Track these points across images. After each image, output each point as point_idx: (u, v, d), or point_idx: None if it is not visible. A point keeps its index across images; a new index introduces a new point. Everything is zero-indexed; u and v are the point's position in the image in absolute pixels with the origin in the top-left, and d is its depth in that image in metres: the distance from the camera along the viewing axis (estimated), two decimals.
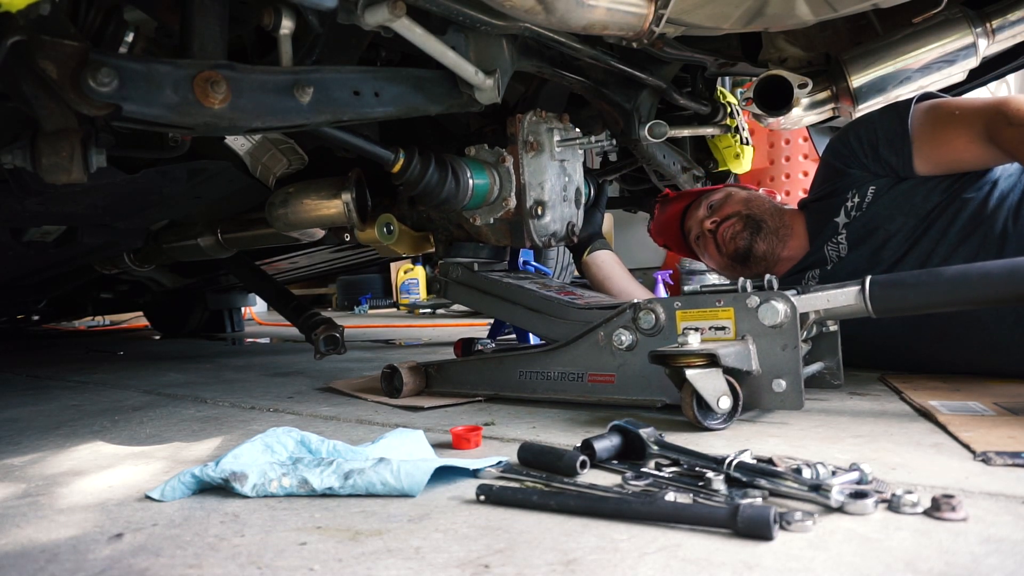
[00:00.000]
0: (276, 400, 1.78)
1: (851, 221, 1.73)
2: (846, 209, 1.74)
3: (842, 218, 1.75)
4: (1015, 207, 1.51)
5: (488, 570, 0.69)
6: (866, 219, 1.69)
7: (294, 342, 3.80)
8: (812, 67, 1.77)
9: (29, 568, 0.76)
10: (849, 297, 1.24)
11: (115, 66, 1.06)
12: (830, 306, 1.25)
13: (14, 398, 2.08)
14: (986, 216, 1.52)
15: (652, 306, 1.33)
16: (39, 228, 2.14)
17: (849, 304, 1.24)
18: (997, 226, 1.50)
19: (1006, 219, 1.50)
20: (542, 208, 1.70)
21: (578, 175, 1.84)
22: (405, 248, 1.90)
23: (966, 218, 1.55)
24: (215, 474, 0.97)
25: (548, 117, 1.75)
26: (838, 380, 1.41)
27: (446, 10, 1.30)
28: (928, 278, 1.21)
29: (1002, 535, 0.71)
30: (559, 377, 1.47)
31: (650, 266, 4.97)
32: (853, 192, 1.73)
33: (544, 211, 1.71)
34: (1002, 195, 1.54)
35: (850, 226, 1.72)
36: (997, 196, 1.54)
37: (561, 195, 1.77)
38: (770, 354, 1.21)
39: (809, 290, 1.28)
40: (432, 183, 1.56)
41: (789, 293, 1.24)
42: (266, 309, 6.56)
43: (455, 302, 2.71)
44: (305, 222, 1.86)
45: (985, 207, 1.53)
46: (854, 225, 1.71)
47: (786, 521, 0.74)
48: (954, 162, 1.59)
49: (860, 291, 1.23)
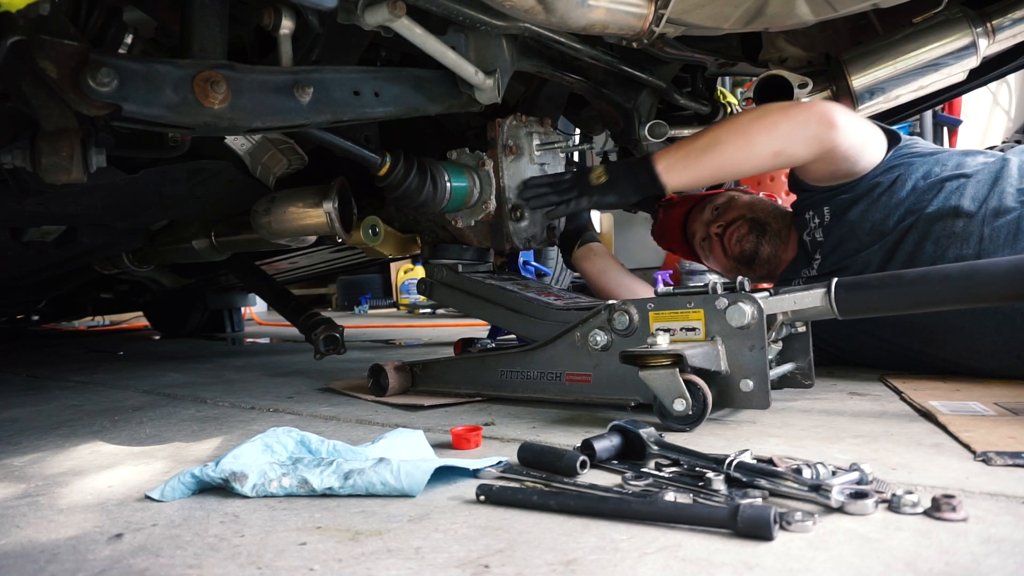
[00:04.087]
0: (276, 400, 1.78)
1: (814, 240, 1.77)
2: (810, 229, 1.78)
3: (806, 237, 1.79)
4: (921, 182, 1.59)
5: (488, 570, 0.69)
6: (833, 239, 1.72)
7: (294, 342, 3.79)
8: (812, 67, 1.77)
9: (29, 568, 0.76)
10: (815, 299, 1.26)
11: (115, 66, 1.06)
12: (797, 307, 1.27)
13: (14, 398, 2.08)
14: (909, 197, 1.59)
15: (626, 307, 1.35)
16: (39, 228, 2.14)
17: (815, 306, 1.26)
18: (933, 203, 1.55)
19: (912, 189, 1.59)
20: (521, 211, 1.73)
21: None
22: (391, 249, 1.90)
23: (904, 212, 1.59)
24: (215, 474, 0.97)
25: (528, 121, 1.77)
26: (809, 380, 1.42)
27: (446, 10, 1.30)
28: (891, 281, 1.23)
29: (1002, 535, 0.71)
30: (538, 377, 1.49)
31: (650, 266, 4.97)
32: (811, 213, 1.77)
33: (523, 214, 1.73)
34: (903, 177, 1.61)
35: (819, 246, 1.76)
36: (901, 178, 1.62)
37: None
38: (738, 354, 1.23)
39: (778, 292, 1.30)
40: (411, 187, 1.58)
41: (759, 295, 1.25)
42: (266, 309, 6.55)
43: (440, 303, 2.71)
44: (289, 231, 1.85)
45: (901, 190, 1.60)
46: (824, 247, 1.75)
47: (786, 521, 0.74)
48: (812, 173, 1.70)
49: (825, 293, 1.24)
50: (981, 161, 1.58)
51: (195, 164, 1.77)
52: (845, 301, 1.23)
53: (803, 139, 1.53)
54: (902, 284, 1.21)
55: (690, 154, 1.58)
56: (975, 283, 1.16)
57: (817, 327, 1.42)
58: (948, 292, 1.18)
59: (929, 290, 1.19)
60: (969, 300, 1.20)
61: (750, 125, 1.54)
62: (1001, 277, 1.14)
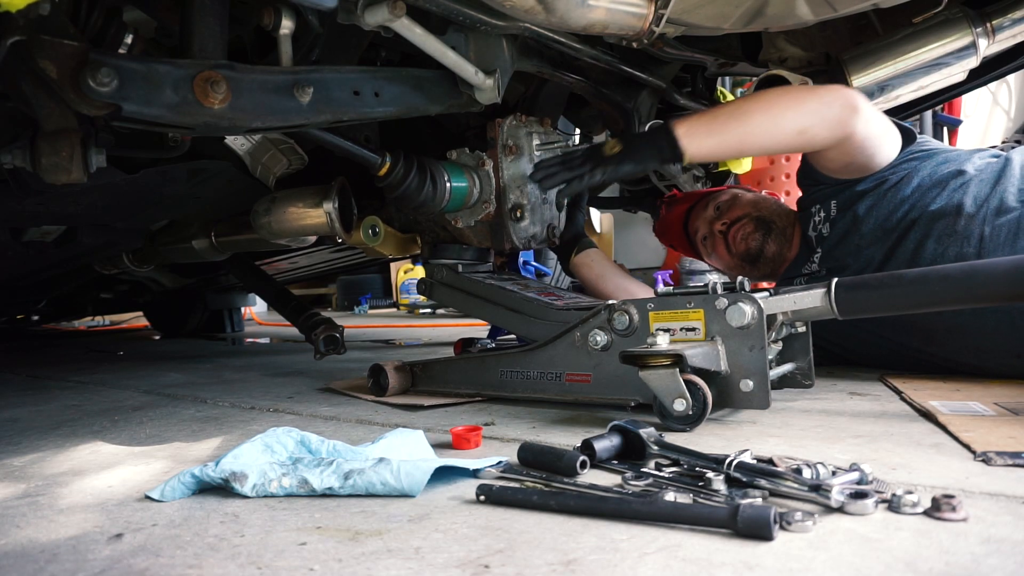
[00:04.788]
0: (276, 400, 1.78)
1: (819, 235, 1.76)
2: (814, 224, 1.78)
3: (811, 231, 1.79)
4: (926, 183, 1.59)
5: (488, 570, 0.69)
6: (837, 234, 1.72)
7: (294, 342, 3.79)
8: (812, 67, 1.77)
9: (29, 568, 0.76)
10: (815, 299, 1.26)
11: (115, 66, 1.06)
12: (797, 307, 1.27)
13: (14, 398, 2.08)
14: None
15: (626, 307, 1.35)
16: (39, 228, 2.14)
17: (815, 306, 1.26)
18: None
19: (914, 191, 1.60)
20: (521, 211, 1.73)
21: None
22: (391, 249, 1.90)
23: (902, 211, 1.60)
24: (215, 474, 0.97)
25: (528, 121, 1.77)
26: (809, 380, 1.42)
27: (446, 10, 1.30)
28: (890, 281, 1.23)
29: (1002, 535, 0.71)
30: (538, 377, 1.49)
31: (650, 266, 4.97)
32: (818, 207, 1.77)
33: (523, 213, 1.73)
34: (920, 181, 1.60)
35: (822, 241, 1.76)
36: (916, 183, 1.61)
37: (541, 198, 1.79)
38: (738, 355, 1.23)
39: (778, 292, 1.30)
40: (411, 187, 1.58)
41: (759, 295, 1.25)
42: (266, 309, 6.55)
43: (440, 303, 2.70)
44: (289, 231, 1.85)
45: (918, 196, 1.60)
46: (827, 242, 1.74)
47: (786, 521, 0.74)
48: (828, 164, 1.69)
49: (825, 293, 1.24)
50: (985, 160, 1.59)
51: (195, 164, 1.77)
52: (845, 301, 1.23)
53: (828, 120, 1.51)
54: (902, 284, 1.22)
55: (714, 122, 1.52)
56: (975, 283, 1.16)
57: (817, 326, 1.42)
58: (948, 292, 1.18)
59: (929, 290, 1.19)
60: (969, 300, 1.20)
61: (778, 99, 1.52)
62: (1001, 277, 1.14)
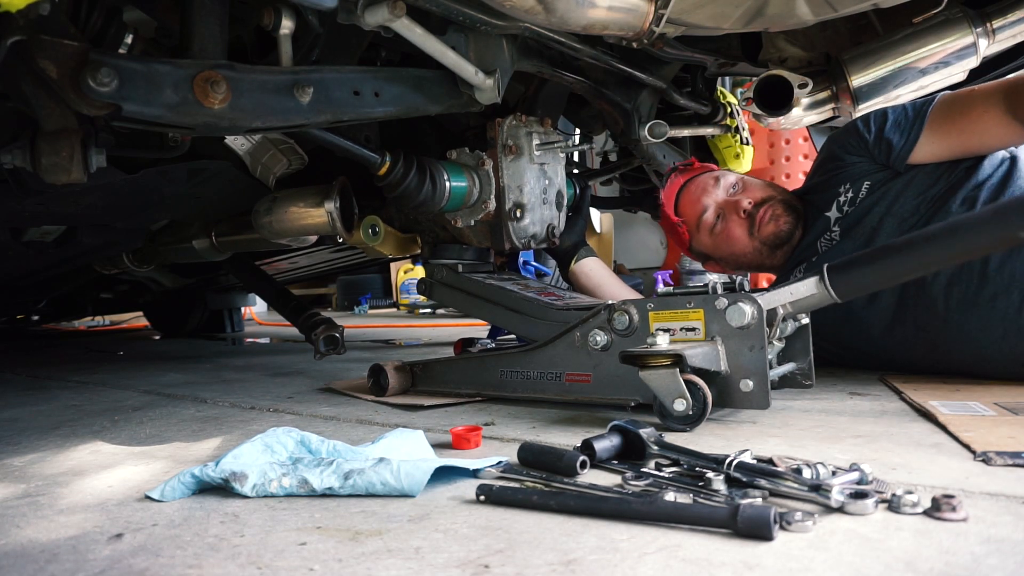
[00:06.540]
0: (276, 400, 1.78)
1: (843, 216, 1.73)
2: (838, 203, 1.74)
3: (834, 212, 1.74)
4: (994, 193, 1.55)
5: (488, 570, 0.69)
6: (858, 214, 1.69)
7: (294, 342, 3.79)
8: (812, 67, 1.77)
9: (29, 568, 0.76)
10: (811, 287, 1.25)
11: (115, 66, 1.06)
12: (794, 299, 1.27)
13: (14, 398, 2.08)
14: None
15: (626, 307, 1.35)
16: (39, 228, 2.14)
17: (812, 294, 1.25)
18: None
19: None
20: (521, 210, 1.72)
21: (559, 178, 1.85)
22: (391, 249, 1.90)
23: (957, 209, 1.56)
24: (215, 474, 0.97)
25: (528, 121, 1.77)
26: (809, 380, 1.42)
27: (446, 10, 1.30)
28: (880, 253, 1.23)
29: (1002, 535, 0.71)
30: (538, 377, 1.49)
31: (650, 266, 4.97)
32: (847, 186, 1.73)
33: (523, 213, 1.73)
34: (991, 188, 1.56)
35: (842, 221, 1.73)
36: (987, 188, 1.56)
37: (541, 198, 1.78)
38: (738, 355, 1.23)
39: (774, 287, 1.29)
40: (411, 186, 1.58)
41: (756, 293, 1.25)
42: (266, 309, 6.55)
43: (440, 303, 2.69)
44: (291, 231, 1.86)
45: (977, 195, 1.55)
46: (846, 220, 1.72)
47: (786, 521, 0.74)
48: (968, 144, 1.60)
49: (820, 280, 1.24)
50: (996, 161, 1.59)
51: (195, 164, 1.77)
52: (841, 283, 1.23)
53: None
54: (891, 254, 1.21)
55: None
56: (959, 238, 1.16)
57: (819, 335, 1.41)
58: (937, 252, 1.17)
59: (919, 254, 1.18)
60: (958, 255, 1.20)
61: None
62: (983, 225, 1.14)
